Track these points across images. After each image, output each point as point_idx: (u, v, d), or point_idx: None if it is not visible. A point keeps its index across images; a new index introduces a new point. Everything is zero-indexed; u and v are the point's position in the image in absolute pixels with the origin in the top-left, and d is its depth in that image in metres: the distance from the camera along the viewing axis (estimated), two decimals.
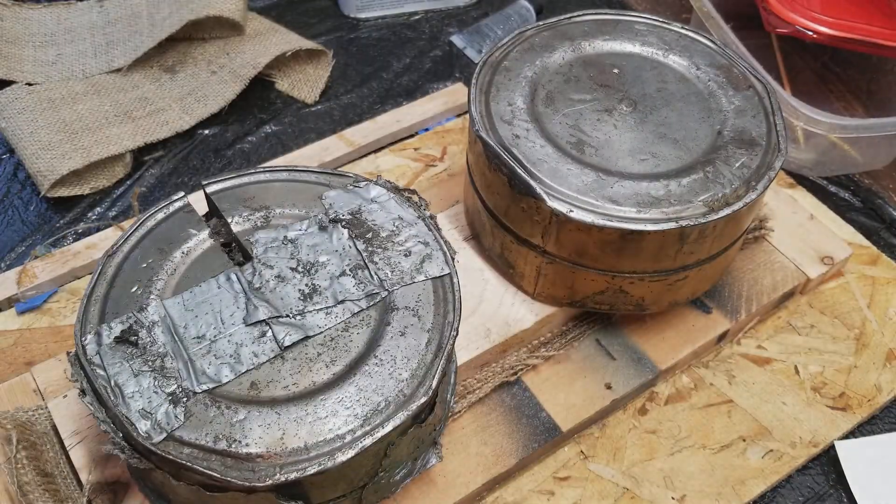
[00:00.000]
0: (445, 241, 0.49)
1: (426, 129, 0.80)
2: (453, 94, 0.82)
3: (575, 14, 0.65)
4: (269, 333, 0.44)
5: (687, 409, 0.61)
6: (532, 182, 0.53)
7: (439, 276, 0.48)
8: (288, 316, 0.45)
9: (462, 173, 0.72)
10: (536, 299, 0.60)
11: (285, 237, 0.48)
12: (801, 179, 0.78)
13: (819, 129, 0.71)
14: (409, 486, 0.53)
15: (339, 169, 0.59)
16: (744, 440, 0.59)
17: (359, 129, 0.79)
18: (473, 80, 0.59)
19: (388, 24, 0.94)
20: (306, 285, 0.46)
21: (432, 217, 0.51)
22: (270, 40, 0.86)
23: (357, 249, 0.48)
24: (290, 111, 0.84)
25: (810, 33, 0.74)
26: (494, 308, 0.60)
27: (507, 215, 0.57)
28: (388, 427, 0.41)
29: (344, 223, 0.49)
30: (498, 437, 0.56)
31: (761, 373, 0.63)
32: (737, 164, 0.55)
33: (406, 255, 0.48)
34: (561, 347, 0.61)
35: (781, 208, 0.71)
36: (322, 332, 0.45)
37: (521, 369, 0.59)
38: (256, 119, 0.83)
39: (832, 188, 0.79)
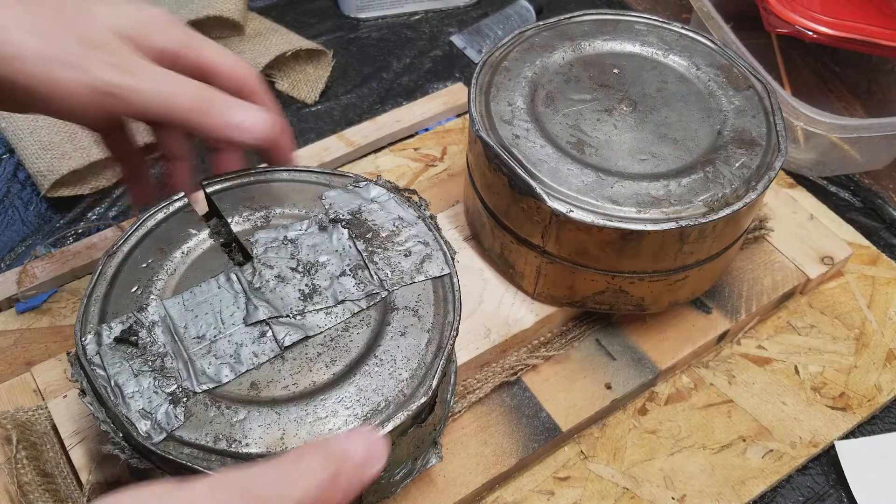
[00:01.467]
0: (445, 241, 0.49)
1: (426, 129, 0.80)
2: (453, 94, 0.82)
3: (575, 14, 0.65)
4: (269, 333, 0.44)
5: (687, 409, 0.61)
6: (532, 182, 0.53)
7: (439, 276, 0.48)
8: (288, 316, 0.45)
9: (462, 173, 0.72)
10: (536, 299, 0.60)
11: (285, 237, 0.48)
12: (801, 179, 0.78)
13: (819, 129, 0.71)
14: (409, 486, 0.53)
15: (339, 169, 0.59)
16: (744, 440, 0.59)
17: (359, 129, 0.79)
18: (473, 80, 0.59)
19: (388, 24, 0.94)
20: (306, 285, 0.46)
21: (432, 217, 0.51)
22: (270, 40, 0.86)
23: (357, 249, 0.48)
24: (290, 111, 0.84)
25: (810, 33, 0.74)
26: (494, 308, 0.60)
27: (507, 215, 0.57)
28: (388, 427, 0.41)
29: (344, 223, 0.49)
30: (498, 437, 0.56)
31: (761, 373, 0.63)
32: (737, 164, 0.55)
33: (406, 255, 0.48)
34: (561, 347, 0.61)
35: (781, 208, 0.71)
36: (322, 332, 0.45)
37: (521, 369, 0.59)
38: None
39: (832, 188, 0.79)
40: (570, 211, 0.52)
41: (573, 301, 0.59)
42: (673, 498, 0.56)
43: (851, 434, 0.61)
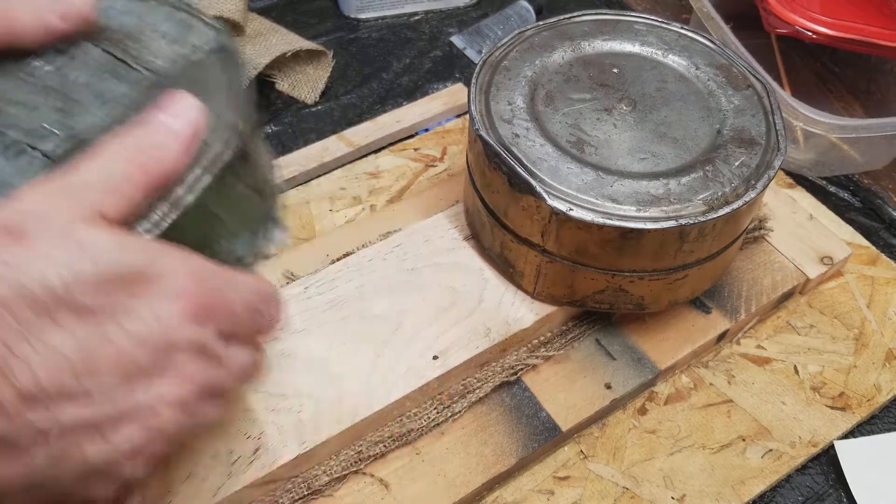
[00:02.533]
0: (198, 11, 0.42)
1: (426, 130, 0.80)
2: (453, 94, 0.83)
3: (575, 14, 0.65)
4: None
5: (687, 409, 0.61)
6: (532, 181, 0.53)
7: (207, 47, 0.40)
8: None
9: (462, 173, 0.72)
10: (536, 298, 0.60)
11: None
12: (800, 179, 0.78)
13: (818, 129, 0.71)
14: (408, 485, 0.53)
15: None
16: (743, 440, 0.59)
17: (359, 129, 0.79)
18: (473, 80, 0.59)
19: (388, 24, 0.94)
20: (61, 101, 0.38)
21: None
22: (270, 41, 0.86)
23: (108, 53, 0.39)
24: (290, 111, 0.84)
25: (810, 33, 0.75)
26: (494, 307, 0.60)
27: (506, 214, 0.57)
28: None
29: (83, 37, 0.40)
30: (498, 437, 0.56)
31: (761, 373, 0.63)
32: (736, 163, 0.55)
33: (163, 37, 0.41)
34: (561, 347, 0.61)
35: (781, 208, 0.71)
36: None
37: (521, 369, 0.59)
38: (256, 119, 0.82)
39: (832, 188, 0.79)
40: (570, 209, 0.52)
41: (573, 300, 0.59)
42: (673, 498, 0.56)
43: (851, 434, 0.61)
